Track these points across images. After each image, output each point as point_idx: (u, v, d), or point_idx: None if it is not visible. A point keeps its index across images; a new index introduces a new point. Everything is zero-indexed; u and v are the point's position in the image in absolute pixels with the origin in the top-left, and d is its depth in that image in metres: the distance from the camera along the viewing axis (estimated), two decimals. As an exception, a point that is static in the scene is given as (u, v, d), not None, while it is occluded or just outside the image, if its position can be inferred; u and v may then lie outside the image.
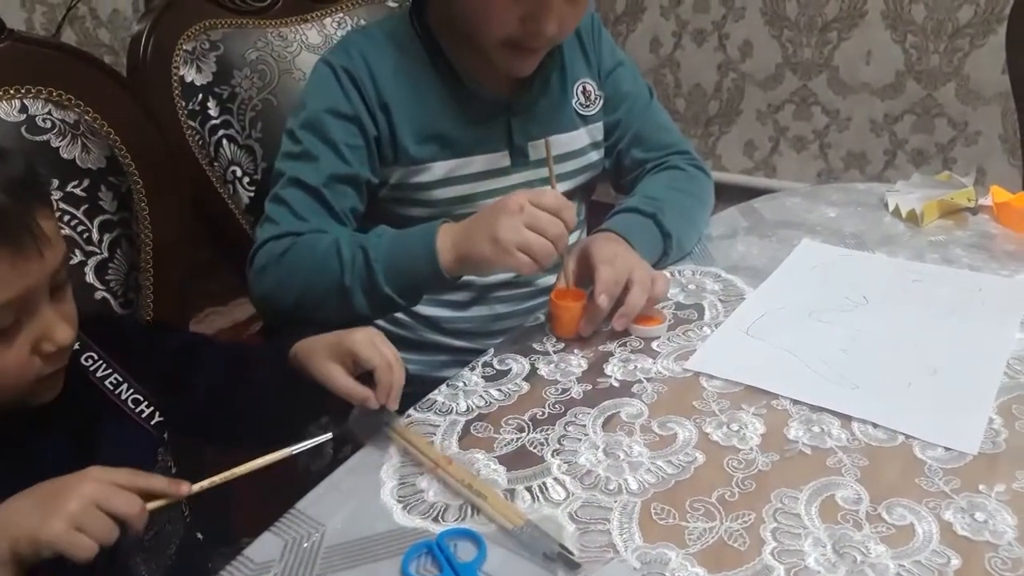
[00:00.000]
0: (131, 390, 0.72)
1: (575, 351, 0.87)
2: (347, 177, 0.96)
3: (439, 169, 0.99)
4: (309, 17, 1.26)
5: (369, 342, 0.70)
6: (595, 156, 1.11)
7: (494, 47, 0.93)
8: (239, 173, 1.16)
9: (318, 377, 0.71)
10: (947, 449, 0.70)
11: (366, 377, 0.71)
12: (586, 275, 0.88)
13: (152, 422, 0.72)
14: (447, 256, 0.84)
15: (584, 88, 1.08)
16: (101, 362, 0.71)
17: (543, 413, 0.77)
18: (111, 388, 0.71)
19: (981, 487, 0.65)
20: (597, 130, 1.10)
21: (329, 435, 0.67)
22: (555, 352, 0.87)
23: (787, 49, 2.33)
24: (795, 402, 0.77)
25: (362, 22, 1.31)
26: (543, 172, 1.04)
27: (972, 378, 0.79)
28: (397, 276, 0.87)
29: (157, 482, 0.60)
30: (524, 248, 0.79)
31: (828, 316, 0.91)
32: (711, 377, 0.81)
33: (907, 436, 0.72)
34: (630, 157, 1.12)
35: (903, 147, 2.26)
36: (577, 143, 1.08)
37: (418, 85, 0.98)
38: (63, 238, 0.65)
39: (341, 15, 1.30)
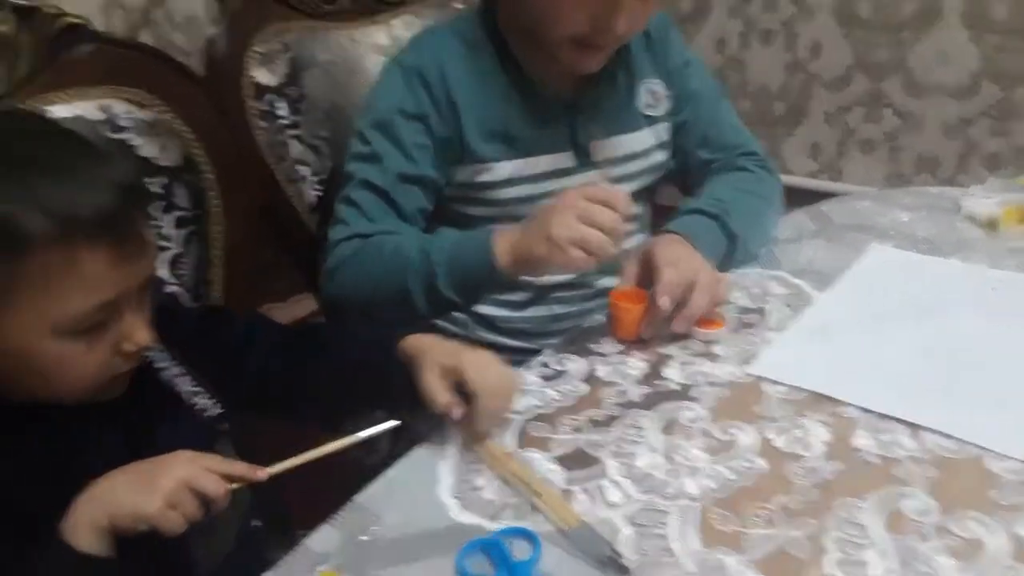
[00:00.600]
0: (192, 383, 0.74)
1: (634, 353, 0.87)
2: (415, 177, 0.97)
3: (504, 169, 1.00)
4: (377, 19, 1.29)
5: (481, 366, 0.70)
6: (660, 157, 1.10)
7: (561, 44, 0.93)
8: (306, 172, 1.19)
9: (417, 380, 0.71)
10: (1022, 461, 0.67)
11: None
12: (649, 277, 0.88)
13: (209, 414, 0.74)
14: (505, 258, 0.85)
15: (651, 88, 1.07)
16: (162, 354, 0.73)
17: (601, 415, 0.77)
18: (170, 381, 0.73)
19: (1059, 503, 0.63)
20: (664, 130, 1.09)
21: (397, 422, 0.67)
22: (614, 354, 0.87)
23: (859, 49, 2.27)
24: (862, 410, 0.75)
25: (430, 23, 1.32)
26: (614, 171, 1.05)
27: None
28: (456, 278, 0.88)
29: (237, 467, 0.62)
30: (579, 243, 0.79)
31: (899, 323, 0.88)
32: (774, 382, 0.80)
33: (980, 447, 0.69)
34: (696, 157, 1.11)
35: (977, 150, 2.18)
36: (642, 144, 1.07)
37: (486, 85, 0.99)
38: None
39: (409, 16, 1.31)
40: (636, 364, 0.85)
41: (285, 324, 0.85)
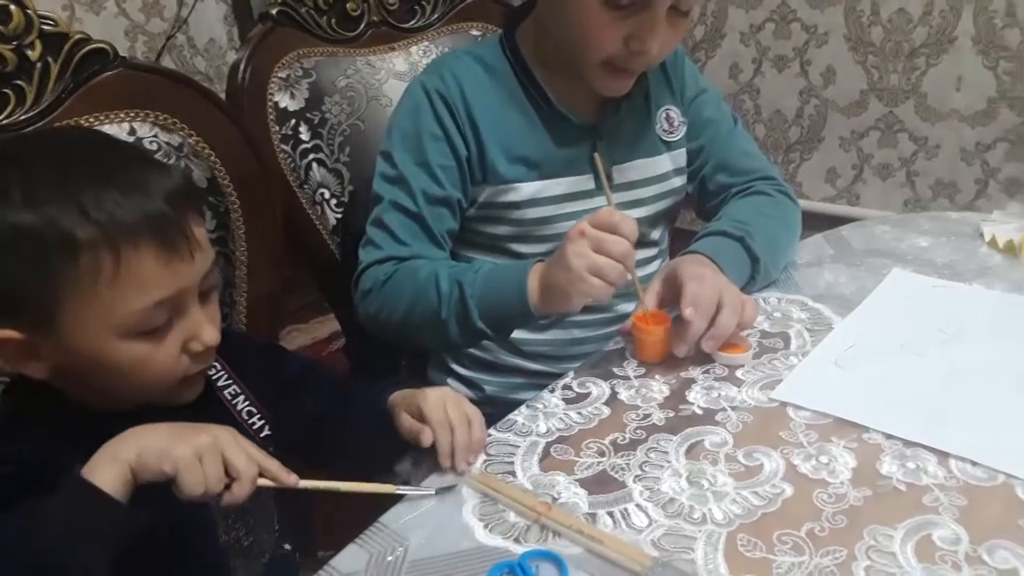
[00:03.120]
0: (247, 401, 0.75)
1: (656, 377, 0.87)
2: (442, 199, 0.99)
3: (526, 189, 1.01)
4: (396, 46, 1.30)
5: (438, 403, 0.72)
6: (678, 182, 1.11)
7: (593, 67, 0.94)
8: (327, 195, 1.20)
9: (396, 424, 0.74)
10: (1054, 491, 0.66)
11: None
12: (673, 295, 0.88)
13: (262, 435, 0.75)
14: (535, 295, 0.86)
15: (668, 115, 1.08)
16: (223, 372, 0.74)
17: (624, 438, 0.77)
18: (229, 398, 0.74)
19: (1092, 532, 0.62)
20: (680, 156, 1.10)
21: (432, 491, 0.69)
22: (636, 377, 0.87)
23: (872, 75, 2.28)
24: (887, 436, 0.74)
25: (447, 50, 1.34)
26: (627, 196, 1.06)
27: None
28: (490, 312, 0.89)
29: (272, 463, 0.63)
30: (595, 271, 0.79)
31: (922, 348, 0.88)
32: (798, 408, 0.79)
33: (1008, 475, 0.68)
34: (715, 182, 1.11)
35: (995, 176, 2.18)
36: (660, 168, 1.08)
37: (507, 107, 1.00)
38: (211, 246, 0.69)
39: (427, 43, 1.33)
40: (659, 388, 0.85)
41: (333, 372, 0.87)
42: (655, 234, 1.13)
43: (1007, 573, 0.59)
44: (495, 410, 0.87)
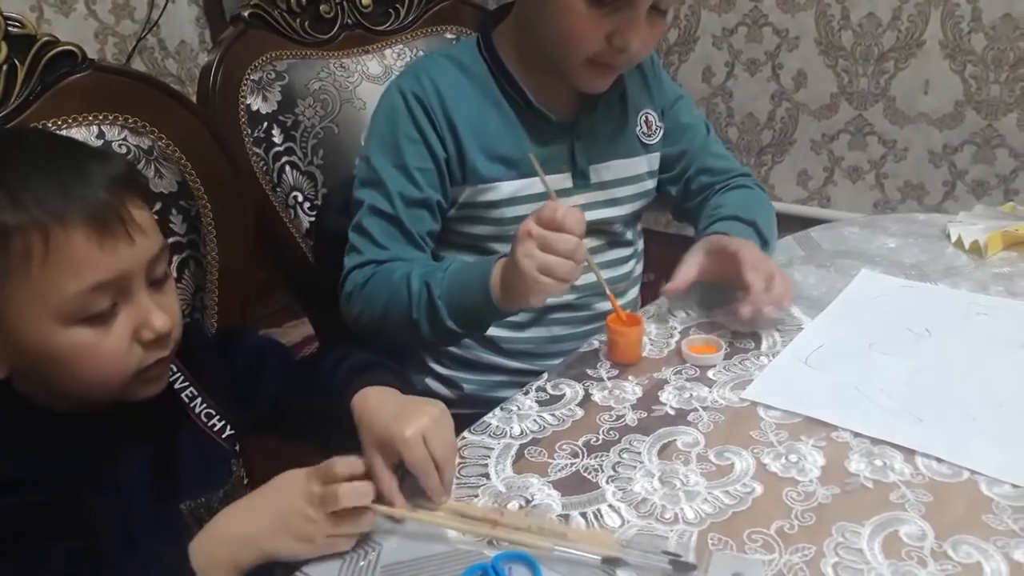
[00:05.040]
0: (204, 404, 0.74)
1: (629, 378, 0.87)
2: (420, 201, 0.99)
3: (506, 188, 1.02)
4: (370, 49, 1.30)
5: (418, 442, 0.67)
6: (650, 184, 1.12)
7: (577, 65, 0.96)
8: (300, 198, 1.19)
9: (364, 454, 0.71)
10: (1015, 486, 0.68)
11: None
12: (721, 267, 0.94)
13: (223, 436, 0.74)
14: (498, 291, 0.86)
15: (647, 118, 1.10)
16: (179, 374, 0.74)
17: (597, 439, 0.77)
18: (187, 401, 0.73)
19: (1053, 527, 0.63)
20: (655, 160, 1.12)
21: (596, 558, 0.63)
22: (609, 378, 0.87)
23: (842, 79, 2.31)
24: (855, 435, 0.75)
25: (421, 53, 1.34)
26: (604, 195, 1.07)
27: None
28: (458, 311, 0.90)
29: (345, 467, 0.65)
30: (545, 271, 0.79)
31: (890, 348, 0.89)
32: (768, 407, 0.80)
33: (972, 472, 0.70)
34: (698, 183, 1.15)
35: (963, 178, 2.21)
36: (637, 169, 1.10)
37: (485, 107, 1.01)
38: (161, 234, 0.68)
39: (401, 46, 1.33)
40: (632, 389, 0.85)
41: (292, 351, 0.86)
42: (630, 234, 1.14)
43: (971, 568, 0.60)
44: (474, 409, 0.89)
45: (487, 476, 0.73)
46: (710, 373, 0.87)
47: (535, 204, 1.02)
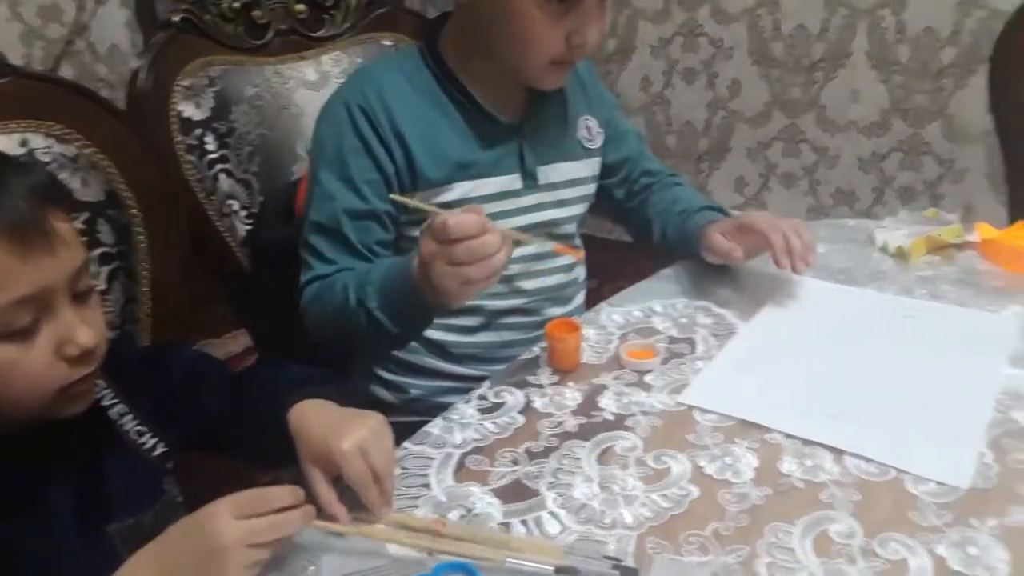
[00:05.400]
0: (135, 421, 0.72)
1: (569, 384, 0.88)
2: (366, 213, 0.99)
3: (457, 190, 1.02)
4: (306, 55, 1.29)
5: (356, 455, 0.66)
6: (592, 188, 1.15)
7: (539, 68, 0.98)
8: (236, 206, 1.17)
9: (301, 468, 0.70)
10: (939, 483, 0.70)
11: None
12: (744, 238, 1.01)
13: (155, 453, 0.72)
14: (426, 294, 0.83)
15: (587, 124, 1.12)
16: (107, 391, 0.71)
17: (538, 446, 0.77)
18: (117, 418, 0.71)
19: (973, 522, 0.66)
20: (596, 164, 1.14)
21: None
22: (550, 385, 0.88)
23: (775, 88, 2.37)
24: (788, 436, 0.77)
25: (358, 60, 1.33)
26: (552, 196, 1.09)
27: (963, 412, 0.80)
28: (397, 315, 0.89)
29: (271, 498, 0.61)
30: (465, 281, 0.77)
31: (819, 350, 0.92)
32: (704, 411, 0.82)
33: (899, 470, 0.72)
34: (640, 184, 1.21)
35: (891, 184, 2.29)
36: (581, 172, 1.12)
37: (432, 113, 1.01)
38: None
39: (338, 53, 1.32)
40: (572, 395, 0.86)
41: (228, 365, 0.84)
42: (577, 239, 1.16)
43: (898, 564, 0.62)
44: (419, 416, 0.89)
45: (427, 486, 0.72)
46: (648, 378, 0.88)
47: (486, 206, 1.03)
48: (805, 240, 0.99)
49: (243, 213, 1.17)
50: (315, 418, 0.71)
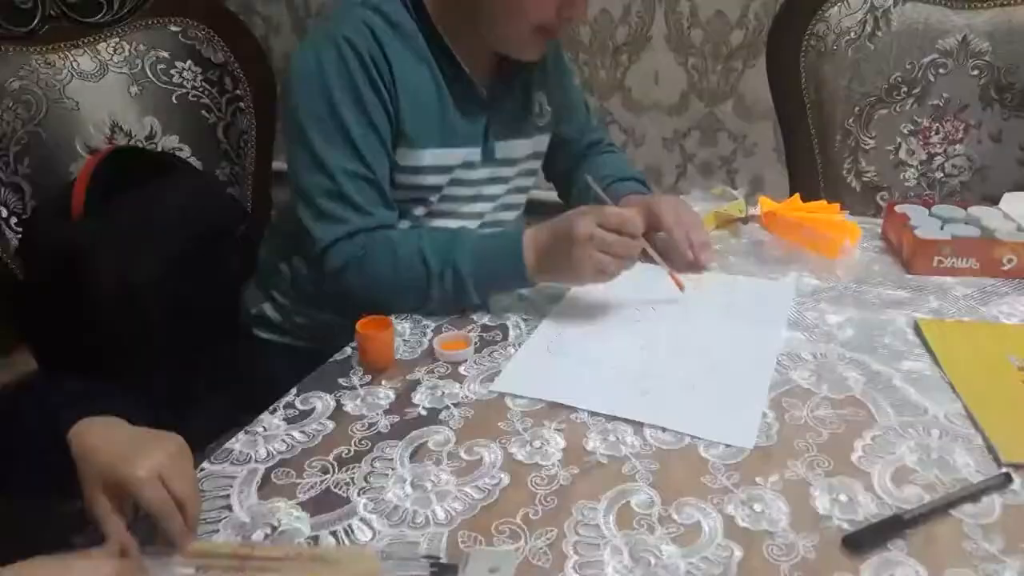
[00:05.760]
0: None
1: (383, 383, 0.86)
2: (389, 160, 0.99)
3: (428, 156, 1.02)
4: (81, 43, 1.18)
5: (155, 483, 0.61)
6: (538, 164, 1.19)
7: (525, 33, 0.97)
8: (5, 213, 1.06)
9: (83, 494, 0.62)
10: (727, 446, 0.75)
11: None
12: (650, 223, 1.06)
13: None
14: (532, 272, 0.95)
15: (540, 101, 1.14)
16: None
17: (349, 451, 0.76)
18: None
19: (758, 479, 0.71)
20: (544, 142, 1.17)
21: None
22: (362, 385, 0.86)
23: (583, 71, 2.45)
24: (592, 414, 0.80)
25: (141, 47, 1.24)
26: (505, 171, 1.12)
27: (747, 377, 0.86)
28: (487, 288, 0.98)
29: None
30: (600, 272, 0.91)
31: (620, 328, 0.96)
32: (516, 396, 0.83)
33: (692, 437, 0.77)
34: (579, 145, 1.27)
35: (692, 160, 2.44)
36: (530, 150, 1.14)
37: (419, 67, 1.00)
38: None
39: (117, 40, 1.22)
40: (385, 394, 0.85)
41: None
42: (520, 212, 1.21)
43: (692, 528, 0.66)
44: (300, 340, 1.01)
45: (229, 507, 0.68)
46: (461, 369, 0.89)
47: (445, 175, 1.05)
48: (702, 239, 1.08)
49: (13, 220, 1.06)
50: (102, 440, 0.63)
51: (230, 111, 1.41)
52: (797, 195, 1.26)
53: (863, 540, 0.63)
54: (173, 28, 1.31)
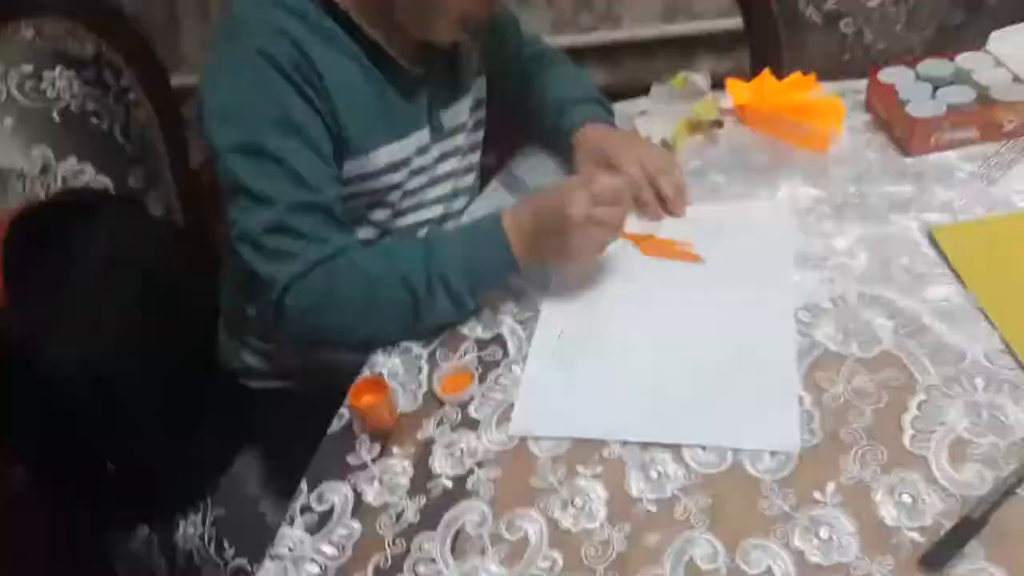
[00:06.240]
0: None
1: (394, 451, 0.80)
2: (333, 176, 0.90)
3: (384, 155, 0.94)
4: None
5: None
6: (483, 113, 1.10)
7: (448, 23, 0.89)
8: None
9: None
10: (773, 454, 0.71)
11: None
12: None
13: None
14: (523, 260, 0.88)
15: (467, 45, 1.02)
16: None
17: (386, 561, 0.71)
18: None
19: (816, 494, 0.67)
20: (483, 85, 1.09)
21: None
22: (373, 460, 0.80)
23: None
24: (624, 443, 0.75)
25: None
26: (457, 141, 1.05)
27: (773, 353, 0.80)
28: (483, 291, 0.91)
29: None
30: (596, 221, 0.85)
31: (623, 312, 0.89)
32: (537, 439, 0.78)
33: (734, 451, 0.72)
34: (522, 74, 1.15)
35: None
36: (474, 97, 1.07)
37: (347, 64, 0.89)
38: None
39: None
40: (402, 466, 0.78)
41: None
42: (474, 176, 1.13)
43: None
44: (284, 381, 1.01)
45: None
46: (471, 410, 0.82)
47: (403, 170, 0.96)
48: (675, 182, 1.00)
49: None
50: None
51: (121, 109, 1.24)
52: (767, 71, 1.14)
53: (939, 557, 0.61)
54: (26, 33, 1.12)
